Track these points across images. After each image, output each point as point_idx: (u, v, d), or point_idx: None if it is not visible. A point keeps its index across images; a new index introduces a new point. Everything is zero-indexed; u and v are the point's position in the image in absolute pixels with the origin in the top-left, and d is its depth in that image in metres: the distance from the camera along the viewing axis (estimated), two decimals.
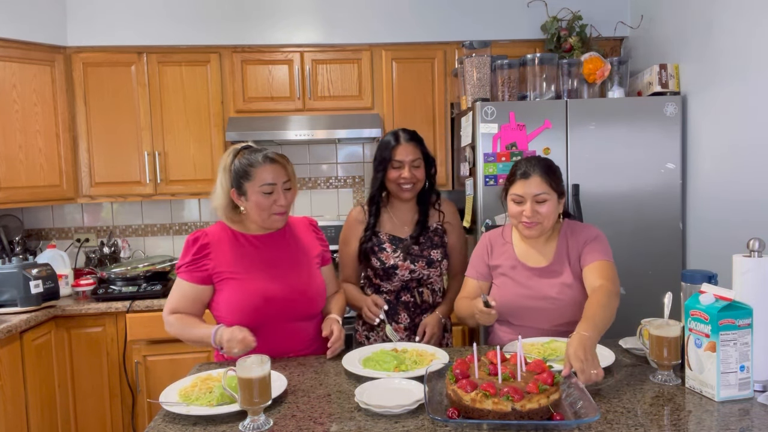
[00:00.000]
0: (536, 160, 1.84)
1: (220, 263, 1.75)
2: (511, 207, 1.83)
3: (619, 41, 3.33)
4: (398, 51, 3.23)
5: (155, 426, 1.34)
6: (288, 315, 1.78)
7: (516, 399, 1.21)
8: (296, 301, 1.79)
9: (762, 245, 1.44)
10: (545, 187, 1.78)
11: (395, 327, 2.12)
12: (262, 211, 1.75)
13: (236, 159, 1.77)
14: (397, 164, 2.08)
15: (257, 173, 1.73)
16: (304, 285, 1.82)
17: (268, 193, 1.74)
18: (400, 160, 2.07)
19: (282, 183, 1.76)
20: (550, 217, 1.79)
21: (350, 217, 2.22)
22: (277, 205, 1.75)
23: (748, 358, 1.36)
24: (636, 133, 2.69)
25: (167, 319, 1.77)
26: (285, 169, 1.78)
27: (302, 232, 1.92)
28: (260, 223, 1.79)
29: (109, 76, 3.11)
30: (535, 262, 1.86)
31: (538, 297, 1.82)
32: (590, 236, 1.83)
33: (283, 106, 3.22)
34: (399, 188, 2.10)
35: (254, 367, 1.28)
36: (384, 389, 1.44)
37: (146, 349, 2.85)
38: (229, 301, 1.74)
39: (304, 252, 1.88)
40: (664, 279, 2.66)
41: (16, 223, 3.28)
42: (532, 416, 1.22)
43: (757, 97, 2.28)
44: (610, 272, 1.75)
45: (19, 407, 2.48)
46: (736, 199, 2.42)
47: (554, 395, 1.25)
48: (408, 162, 2.07)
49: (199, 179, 3.18)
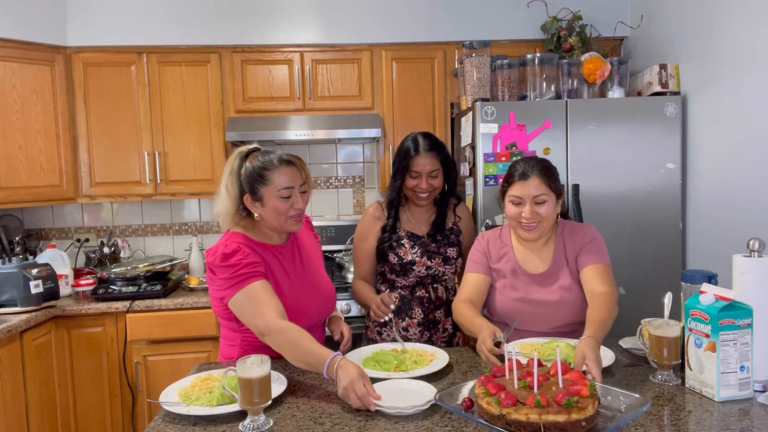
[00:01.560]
0: (534, 160, 1.82)
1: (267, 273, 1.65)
2: (510, 208, 1.81)
3: (619, 41, 3.33)
4: (398, 51, 3.23)
5: (155, 426, 1.34)
6: (315, 322, 1.78)
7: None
8: (325, 308, 1.81)
9: (762, 245, 1.44)
10: (544, 188, 1.77)
11: (408, 323, 2.12)
12: (280, 215, 1.65)
13: (247, 162, 1.66)
14: (415, 174, 2.06)
15: (274, 177, 1.63)
16: (329, 288, 1.84)
17: (286, 197, 1.65)
18: (418, 171, 2.05)
19: (299, 186, 1.68)
20: (550, 218, 1.79)
21: (368, 214, 2.19)
22: (294, 208, 1.66)
23: (748, 358, 1.36)
24: (636, 133, 2.69)
25: (278, 325, 1.51)
26: (301, 171, 1.69)
27: (303, 233, 1.89)
28: (277, 228, 1.70)
29: (109, 76, 3.11)
30: (535, 267, 1.85)
31: (538, 303, 1.81)
32: (587, 238, 1.83)
33: (283, 106, 3.22)
34: (415, 195, 2.09)
35: (254, 367, 1.28)
36: (393, 390, 1.45)
37: (146, 349, 2.85)
38: None
39: (314, 254, 1.87)
40: (664, 279, 2.66)
41: (16, 223, 3.28)
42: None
43: (757, 97, 2.28)
44: (610, 277, 1.76)
45: (19, 407, 2.48)
46: (736, 199, 2.41)
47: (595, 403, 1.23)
48: (426, 173, 2.05)
49: (199, 179, 3.19)
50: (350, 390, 1.35)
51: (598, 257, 1.79)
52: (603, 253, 1.81)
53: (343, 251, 3.25)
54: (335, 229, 3.34)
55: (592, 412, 1.19)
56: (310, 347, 1.48)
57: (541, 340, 1.74)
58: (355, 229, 2.24)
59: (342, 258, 3.19)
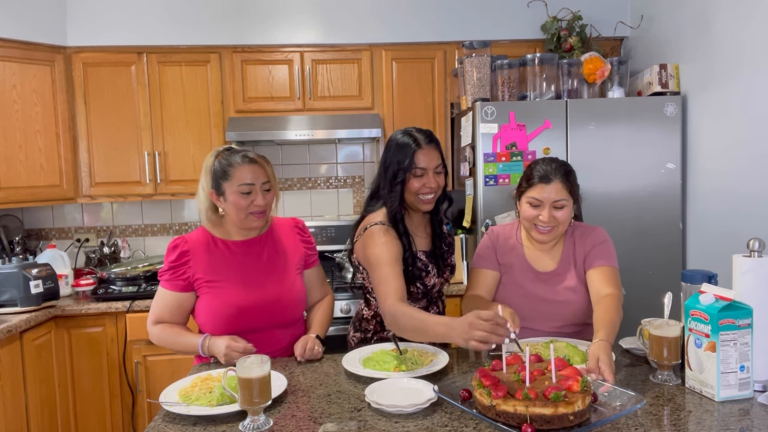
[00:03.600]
0: (556, 163, 1.77)
1: (198, 270, 1.75)
2: (526, 210, 1.77)
3: (619, 41, 3.33)
4: (398, 51, 3.23)
5: (155, 426, 1.34)
6: (262, 323, 1.77)
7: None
8: (270, 310, 1.78)
9: (762, 245, 1.44)
10: (564, 194, 1.73)
11: None
12: (240, 210, 1.74)
13: (216, 160, 1.78)
14: (420, 172, 1.75)
15: (235, 173, 1.74)
16: (279, 293, 1.80)
17: (246, 193, 1.73)
18: (424, 167, 1.75)
19: (261, 183, 1.75)
20: (566, 223, 1.77)
21: (380, 235, 1.76)
22: (254, 205, 1.74)
23: (748, 358, 1.36)
24: (636, 133, 2.69)
25: (152, 330, 1.77)
26: (264, 169, 1.77)
27: (285, 236, 1.89)
28: (238, 224, 1.78)
29: (109, 76, 3.11)
30: (543, 266, 1.84)
31: (544, 302, 1.81)
32: (598, 240, 1.82)
33: (283, 106, 3.22)
34: (418, 200, 1.78)
35: (254, 367, 1.28)
36: (394, 389, 1.44)
37: (146, 349, 2.85)
38: (205, 310, 1.75)
39: (284, 257, 1.85)
40: (664, 279, 2.66)
41: (16, 223, 3.28)
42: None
43: (757, 97, 2.28)
44: (617, 280, 1.75)
45: (19, 407, 2.48)
46: (737, 199, 2.41)
47: (588, 398, 1.24)
48: (432, 168, 1.76)
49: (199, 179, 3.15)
50: (230, 349, 1.62)
51: (606, 260, 1.78)
52: (612, 257, 1.80)
53: (343, 251, 3.25)
54: (335, 229, 3.34)
55: (581, 407, 1.20)
56: (184, 339, 1.73)
57: (541, 340, 1.74)
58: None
59: (342, 258, 3.18)
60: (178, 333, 1.75)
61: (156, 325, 1.77)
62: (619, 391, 1.31)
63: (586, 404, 1.22)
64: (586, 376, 1.30)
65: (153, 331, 1.77)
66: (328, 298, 2.00)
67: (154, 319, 1.77)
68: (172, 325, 1.77)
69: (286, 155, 3.57)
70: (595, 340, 1.50)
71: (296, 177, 3.60)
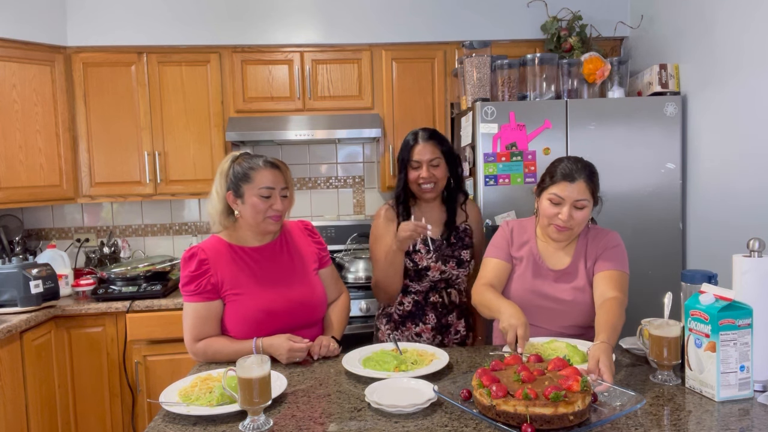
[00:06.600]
0: (581, 163, 1.77)
1: (221, 277, 1.74)
2: (546, 207, 1.77)
3: (619, 41, 3.33)
4: (398, 51, 3.23)
5: (155, 426, 1.34)
6: (290, 324, 1.79)
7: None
8: (298, 312, 1.80)
9: (762, 245, 1.44)
10: (587, 194, 1.73)
11: (422, 328, 2.11)
12: (258, 213, 1.74)
13: (235, 164, 1.78)
14: (416, 164, 2.07)
15: (257, 176, 1.74)
16: (305, 294, 1.83)
17: (266, 197, 1.74)
18: (418, 160, 2.06)
19: (280, 189, 1.77)
20: (583, 224, 1.77)
21: (380, 217, 2.17)
22: (272, 209, 1.75)
23: (748, 358, 1.36)
24: (636, 133, 2.69)
25: (195, 349, 1.73)
26: (284, 175, 1.79)
27: (298, 238, 1.92)
28: (254, 227, 1.78)
29: (109, 76, 3.11)
30: (555, 263, 1.84)
31: (551, 299, 1.81)
32: (611, 244, 1.81)
33: (283, 106, 3.22)
34: (419, 189, 2.08)
35: (254, 367, 1.28)
36: (394, 389, 1.45)
37: (146, 349, 2.85)
38: (234, 316, 1.74)
39: (301, 260, 1.88)
40: (664, 279, 2.66)
41: (16, 223, 3.28)
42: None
43: (757, 97, 2.28)
44: (624, 285, 1.74)
45: (19, 407, 2.48)
46: (737, 199, 2.42)
47: (587, 398, 1.24)
48: (426, 161, 2.05)
49: (199, 179, 3.18)
50: (293, 350, 1.67)
51: (616, 264, 1.77)
52: (623, 262, 1.79)
53: (343, 251, 3.25)
54: (335, 229, 3.34)
55: (581, 407, 1.20)
56: (235, 348, 1.71)
57: (541, 340, 1.74)
58: (355, 229, 2.24)
59: (342, 258, 3.18)
60: (225, 344, 1.72)
61: (197, 343, 1.73)
62: (619, 391, 1.31)
63: (586, 404, 1.22)
64: (585, 376, 1.30)
65: (198, 350, 1.73)
66: (344, 297, 2.03)
67: (194, 338, 1.73)
68: (215, 339, 1.73)
69: (286, 155, 3.57)
70: (596, 342, 1.50)
71: (296, 177, 3.60)
